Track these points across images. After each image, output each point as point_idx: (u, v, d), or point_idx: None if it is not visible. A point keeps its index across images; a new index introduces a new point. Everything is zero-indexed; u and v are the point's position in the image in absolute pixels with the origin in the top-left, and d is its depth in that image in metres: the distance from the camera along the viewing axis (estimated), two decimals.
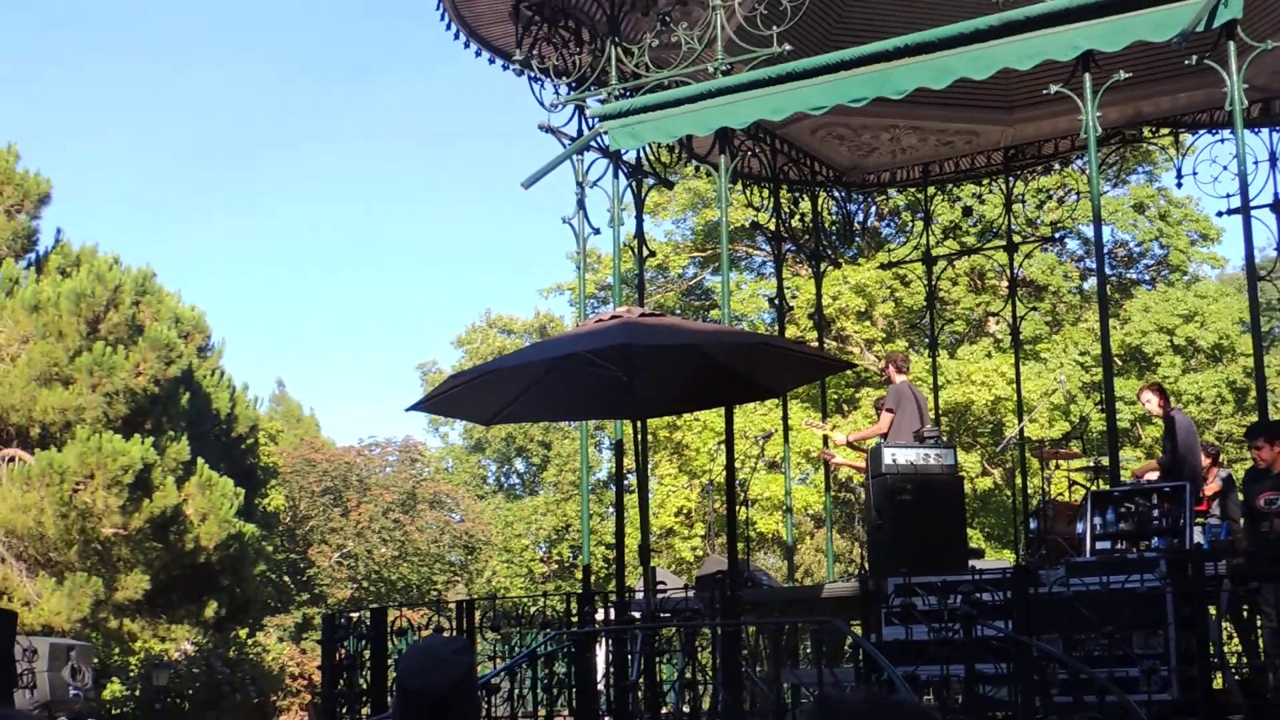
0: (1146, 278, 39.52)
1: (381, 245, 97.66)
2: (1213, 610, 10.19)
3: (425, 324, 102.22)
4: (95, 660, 28.87)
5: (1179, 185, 17.85)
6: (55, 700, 23.07)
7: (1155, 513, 11.14)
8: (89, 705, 25.64)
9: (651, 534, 13.32)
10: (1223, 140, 16.29)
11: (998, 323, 35.78)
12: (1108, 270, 18.00)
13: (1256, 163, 15.20)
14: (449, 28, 14.93)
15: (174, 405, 31.41)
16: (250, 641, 43.80)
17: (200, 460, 30.54)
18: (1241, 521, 13.03)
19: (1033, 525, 14.65)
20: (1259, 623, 10.73)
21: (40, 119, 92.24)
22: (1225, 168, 16.02)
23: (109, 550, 28.07)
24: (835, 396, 33.26)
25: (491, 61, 15.36)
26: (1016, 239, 19.52)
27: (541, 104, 14.35)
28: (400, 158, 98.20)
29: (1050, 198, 30.69)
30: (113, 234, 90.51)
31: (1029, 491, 18.41)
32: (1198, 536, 11.75)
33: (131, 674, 42.29)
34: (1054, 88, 11.81)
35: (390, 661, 12.46)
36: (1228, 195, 15.53)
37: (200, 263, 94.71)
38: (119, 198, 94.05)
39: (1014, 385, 22.07)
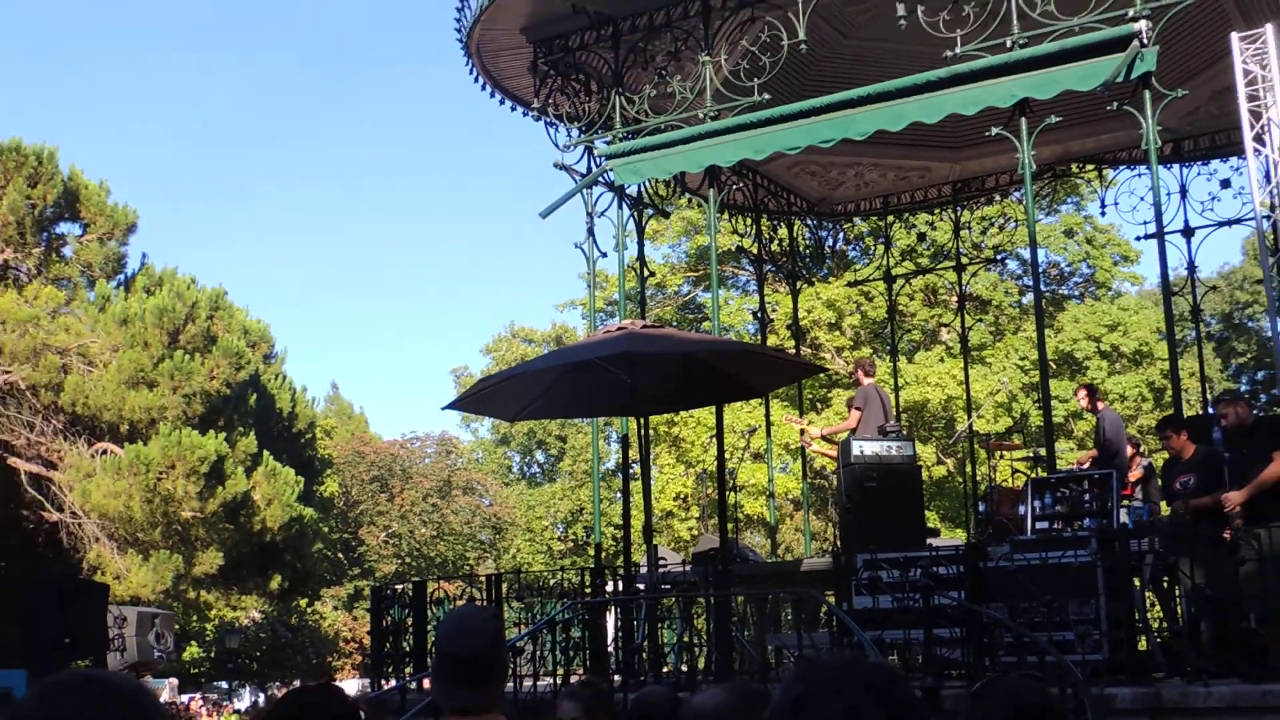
0: (1076, 293, 39.52)
1: (421, 266, 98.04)
2: (1137, 581, 10.13)
3: (457, 334, 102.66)
4: (176, 626, 28.89)
5: (1103, 214, 17.87)
6: (142, 661, 23.07)
7: (1086, 497, 11.09)
8: (171, 665, 25.66)
9: (653, 516, 13.28)
10: (1140, 175, 16.28)
11: (949, 332, 35.72)
12: (1042, 287, 17.97)
13: (1169, 194, 15.20)
14: (476, 80, 14.93)
15: (243, 405, 31.44)
16: (309, 610, 43.86)
17: (266, 453, 30.55)
18: (1163, 504, 12.98)
19: (981, 508, 14.60)
20: (1177, 592, 10.66)
21: (89, 107, 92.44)
22: (1142, 199, 16.01)
23: (188, 531, 28.07)
24: (810, 396, 33.22)
25: (513, 109, 15.35)
26: (964, 260, 19.50)
27: (556, 145, 14.34)
28: (436, 192, 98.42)
29: (992, 225, 30.62)
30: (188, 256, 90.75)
31: (977, 478, 18.36)
32: (1124, 517, 11.68)
33: (207, 638, 42.39)
34: (995, 130, 11.78)
35: (429, 627, 12.42)
36: (1145, 222, 15.55)
37: (270, 283, 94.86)
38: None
39: (964, 386, 22.06)
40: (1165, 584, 11.05)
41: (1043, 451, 13.63)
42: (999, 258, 31.50)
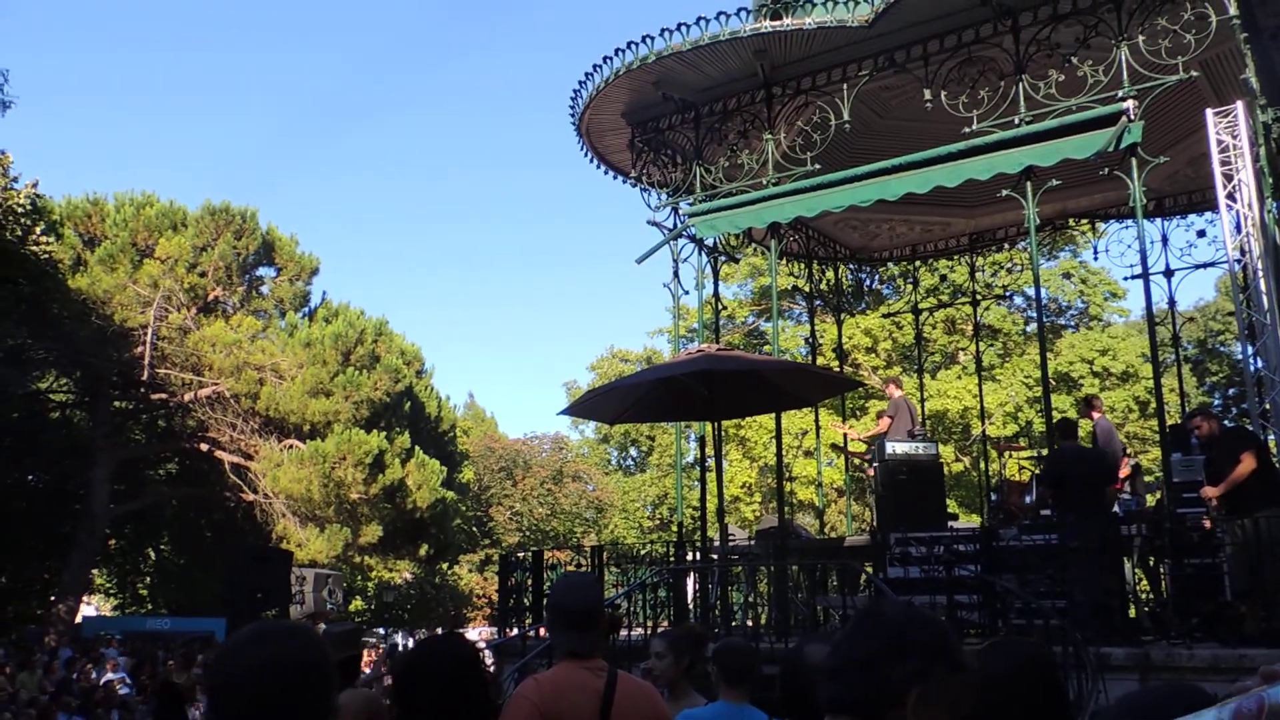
0: (1072, 324, 38.67)
1: (541, 298, 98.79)
2: (1127, 560, 9.89)
3: (568, 353, 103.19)
4: (344, 584, 29.32)
5: (1095, 258, 17.45)
6: (317, 612, 23.43)
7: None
8: (340, 615, 25.99)
9: (724, 501, 13.24)
10: (1127, 226, 15.88)
11: (965, 355, 35.20)
12: (1044, 319, 17.58)
13: (1153, 242, 14.81)
14: (585, 155, 15.06)
15: (400, 410, 31.83)
16: (449, 572, 44.23)
17: (417, 448, 30.85)
18: (1155, 496, 12.64)
19: (994, 497, 14.33)
20: (1161, 570, 10.36)
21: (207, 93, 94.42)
22: (1130, 246, 15.66)
23: (355, 509, 28.45)
24: (851, 405, 32.81)
25: (614, 177, 15.45)
26: (979, 297, 19.22)
27: (648, 205, 14.41)
28: (553, 238, 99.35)
29: (1002, 268, 30.14)
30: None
31: (990, 473, 18.05)
32: (1116, 507, 11.40)
33: (369, 594, 42.92)
34: (1005, 192, 11.60)
35: (545, 587, 12.45)
36: (1131, 265, 15.23)
37: (423, 309, 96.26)
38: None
39: (978, 399, 21.68)
40: (1151, 562, 10.76)
41: (1044, 452, 13.37)
42: (1007, 295, 30.90)
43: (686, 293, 14.13)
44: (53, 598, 29.78)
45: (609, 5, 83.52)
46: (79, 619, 29.59)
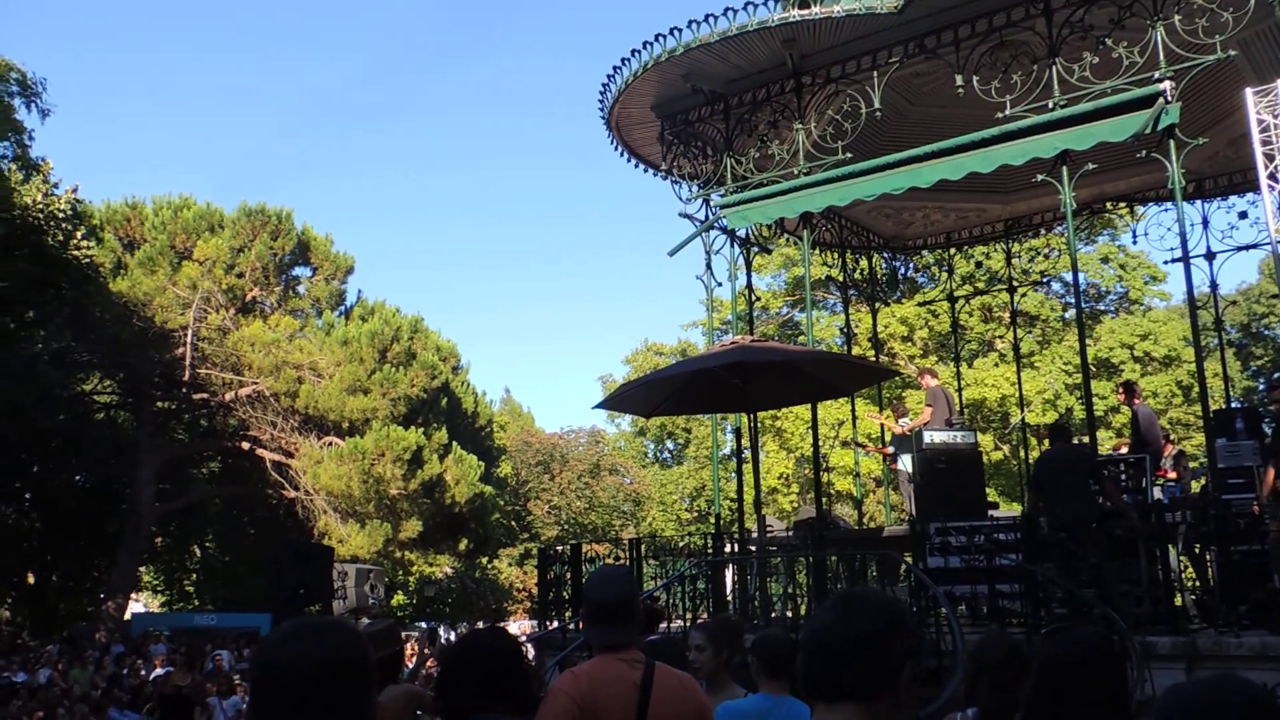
0: (1111, 309, 38.19)
1: (575, 293, 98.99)
2: (1172, 548, 9.74)
3: (603, 347, 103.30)
4: (386, 579, 29.54)
5: (1134, 242, 17.30)
6: (359, 606, 23.64)
7: (1123, 477, 10.70)
8: (382, 609, 26.21)
9: (761, 492, 13.20)
10: (1166, 209, 15.64)
11: (1002, 343, 34.87)
12: (1082, 304, 17.33)
13: (1193, 225, 14.63)
14: (615, 148, 15.05)
15: (437, 406, 32.01)
16: (489, 566, 44.45)
17: (455, 443, 31.03)
18: (1200, 482, 12.43)
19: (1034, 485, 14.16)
20: (1207, 558, 10.19)
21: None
22: (1169, 229, 15.39)
23: (394, 504, 28.64)
24: (887, 395, 32.57)
25: (644, 170, 15.44)
26: (1015, 283, 18.97)
27: (679, 198, 14.36)
28: (586, 233, 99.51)
29: (1038, 254, 29.78)
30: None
31: (1029, 461, 17.86)
32: (1161, 495, 11.24)
33: (410, 588, 43.24)
34: (1040, 177, 11.45)
35: (584, 580, 12.48)
36: (1171, 249, 15.01)
37: (461, 304, 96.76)
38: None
39: (1016, 386, 21.48)
40: (1197, 550, 10.59)
41: (1085, 439, 13.20)
42: (1044, 281, 30.62)
43: (720, 284, 14.10)
44: (102, 595, 30.30)
45: (641, 2, 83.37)
46: (128, 615, 30.07)
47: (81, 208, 26.33)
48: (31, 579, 32.74)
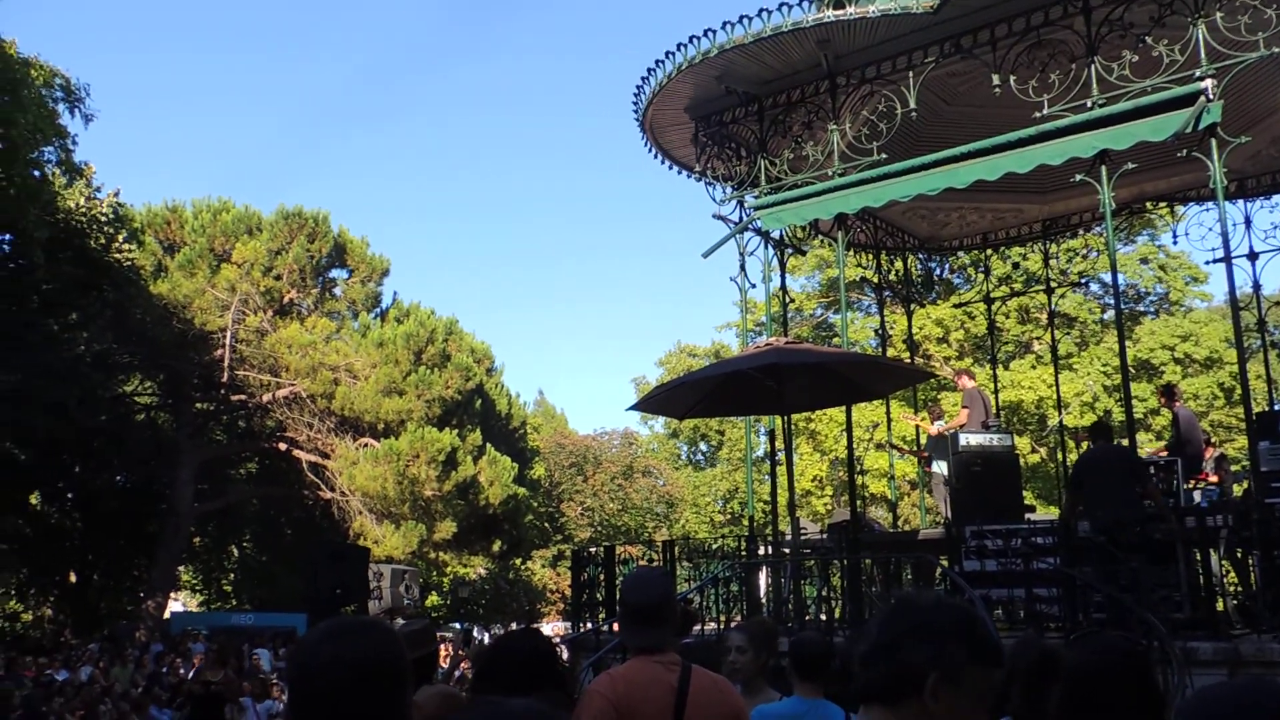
0: (1151, 310, 37.68)
1: (608, 295, 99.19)
2: (1214, 552, 9.58)
3: (636, 349, 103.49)
4: (420, 580, 29.71)
5: (1174, 243, 17.02)
6: (394, 607, 23.80)
7: (1157, 480, 10.55)
8: (416, 610, 26.37)
9: (795, 494, 13.14)
10: (1208, 209, 15.38)
11: (1040, 344, 34.53)
12: (1121, 306, 17.10)
13: (1235, 225, 14.35)
14: (649, 150, 15.04)
15: (471, 408, 32.15)
16: (523, 567, 44.61)
17: (489, 445, 31.16)
18: (1242, 485, 12.23)
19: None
20: (1250, 562, 10.02)
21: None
22: (1210, 229, 15.19)
23: (429, 505, 28.78)
24: (922, 397, 32.36)
25: (678, 172, 15.42)
26: (1053, 284, 18.77)
27: (713, 200, 14.32)
28: (620, 235, 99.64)
29: (1076, 254, 29.48)
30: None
31: (1068, 464, 17.65)
32: (1200, 499, 11.07)
33: (444, 589, 43.45)
34: (1078, 177, 11.32)
35: (618, 582, 12.49)
36: (1213, 249, 14.72)
37: (495, 306, 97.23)
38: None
39: (1054, 389, 21.25)
40: (1239, 554, 10.42)
41: (1124, 442, 13.04)
42: (1082, 281, 30.29)
43: (753, 286, 14.07)
44: (142, 594, 30.72)
45: (678, 3, 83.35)
46: (167, 615, 30.45)
47: (123, 211, 26.73)
48: (73, 578, 33.24)
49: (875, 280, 17.96)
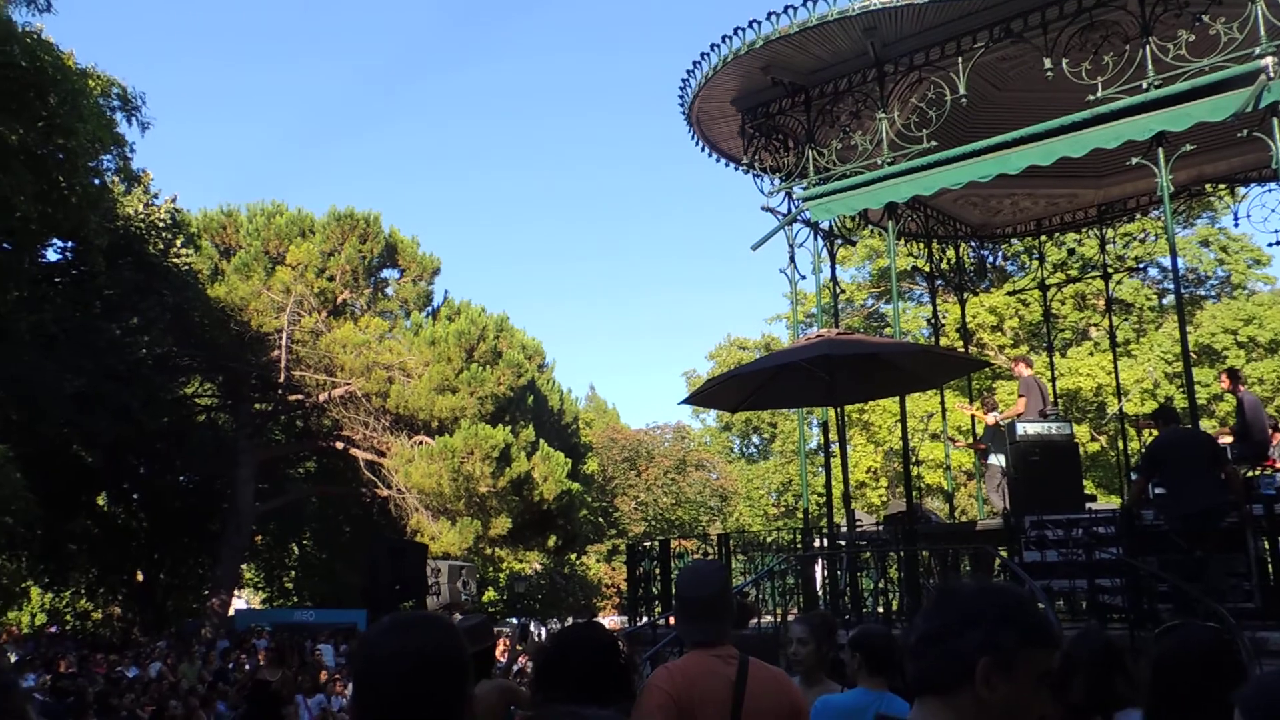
0: (1213, 294, 36.84)
1: (658, 290, 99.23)
2: None
3: (687, 343, 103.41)
4: (477, 576, 29.94)
5: (1235, 225, 16.58)
6: (452, 602, 23.95)
7: None
8: (474, 605, 26.60)
9: (849, 486, 13.07)
10: (1270, 190, 14.98)
11: (1097, 331, 33.93)
12: (1182, 289, 16.74)
13: None
14: (696, 143, 15.01)
15: (523, 404, 32.33)
16: (577, 562, 44.77)
17: (542, 441, 31.28)
18: None
19: (1134, 477, 13.76)
20: None
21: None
22: (1274, 210, 14.75)
23: (484, 502, 28.98)
24: (977, 386, 31.99)
25: (725, 165, 15.37)
26: (1110, 270, 18.44)
27: (761, 192, 14.26)
28: (669, 229, 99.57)
29: (1134, 239, 28.93)
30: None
31: (1129, 452, 17.37)
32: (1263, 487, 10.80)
33: (500, 584, 43.77)
34: (1135, 160, 11.13)
35: (672, 576, 12.48)
36: (1276, 230, 14.40)
37: (546, 303, 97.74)
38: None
39: (1112, 376, 20.89)
40: None
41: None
42: (1141, 266, 29.73)
43: (803, 277, 13.98)
44: (207, 592, 31.34)
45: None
46: (231, 612, 31.05)
47: (180, 216, 27.26)
48: (140, 577, 34.01)
49: (927, 269, 17.75)
